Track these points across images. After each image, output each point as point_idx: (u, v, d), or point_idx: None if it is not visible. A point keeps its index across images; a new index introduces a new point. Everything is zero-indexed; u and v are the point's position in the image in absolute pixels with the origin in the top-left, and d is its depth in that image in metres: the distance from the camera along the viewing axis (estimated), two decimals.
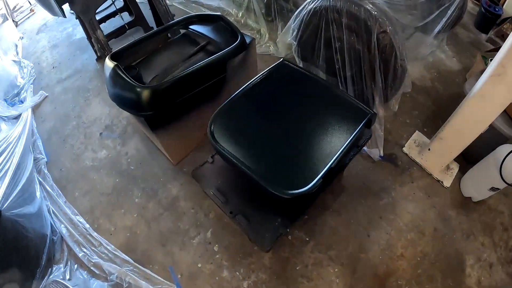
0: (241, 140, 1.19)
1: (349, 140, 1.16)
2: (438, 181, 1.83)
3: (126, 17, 2.74)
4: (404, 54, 1.56)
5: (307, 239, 1.66)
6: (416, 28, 2.10)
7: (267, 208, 1.37)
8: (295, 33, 1.99)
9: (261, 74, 1.36)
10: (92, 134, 2.13)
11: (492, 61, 1.39)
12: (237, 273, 1.58)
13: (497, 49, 2.04)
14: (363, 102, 1.82)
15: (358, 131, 1.19)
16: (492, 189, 1.65)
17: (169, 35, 2.16)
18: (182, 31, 2.00)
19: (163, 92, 1.51)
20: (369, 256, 1.63)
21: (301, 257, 1.61)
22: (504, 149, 1.59)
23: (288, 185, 1.06)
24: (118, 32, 2.59)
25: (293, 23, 1.95)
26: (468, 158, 1.89)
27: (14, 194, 1.57)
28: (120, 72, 1.52)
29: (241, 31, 1.79)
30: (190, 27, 1.93)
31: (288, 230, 1.33)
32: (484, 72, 1.44)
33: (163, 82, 1.50)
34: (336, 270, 1.59)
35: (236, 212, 1.35)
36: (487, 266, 1.64)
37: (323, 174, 1.08)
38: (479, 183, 1.70)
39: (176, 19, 1.90)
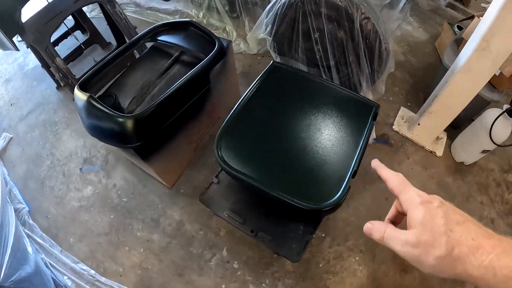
0: (254, 159, 1.08)
1: (364, 137, 1.10)
2: (431, 152, 1.86)
3: (79, 35, 2.45)
4: (387, 37, 1.51)
5: (323, 235, 1.61)
6: (384, 6, 2.06)
7: (287, 218, 1.29)
8: (269, 28, 1.87)
9: (256, 83, 1.24)
10: (71, 171, 1.90)
11: (473, 35, 1.39)
12: (263, 285, 1.50)
13: (469, 18, 2.08)
14: (350, 89, 1.79)
15: (369, 126, 1.13)
16: (483, 151, 1.70)
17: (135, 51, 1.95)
18: (149, 44, 1.81)
19: (150, 118, 1.35)
20: None
21: (322, 254, 1.57)
22: (490, 113, 1.62)
23: (318, 197, 0.99)
24: (75, 54, 2.30)
25: (266, 18, 1.83)
26: (453, 124, 1.93)
27: (6, 259, 1.35)
28: (96, 104, 1.33)
29: None
30: (158, 38, 1.74)
31: (313, 236, 1.27)
32: (466, 45, 1.45)
33: (148, 107, 1.33)
34: (357, 258, 1.57)
35: (257, 230, 1.26)
36: (489, 222, 1.71)
37: (349, 178, 1.01)
38: (470, 148, 1.74)
39: (141, 32, 1.70)
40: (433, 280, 1.54)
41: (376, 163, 0.54)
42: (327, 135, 1.13)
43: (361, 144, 1.09)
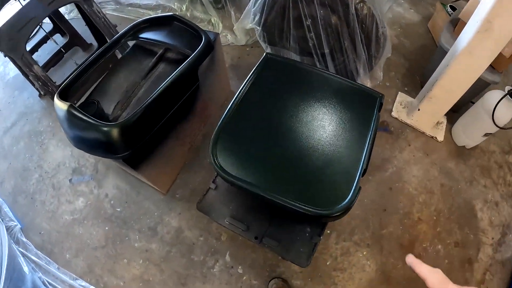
0: (254, 163, 0.94)
1: (370, 131, 0.98)
2: (432, 137, 1.75)
3: (59, 39, 2.25)
4: (384, 20, 1.37)
5: (328, 232, 1.51)
6: None
7: (292, 221, 1.18)
8: (257, 17, 1.70)
9: (249, 78, 1.09)
10: (60, 183, 1.74)
11: (474, 16, 1.28)
12: None
13: None
14: (347, 76, 1.65)
15: (375, 119, 1.00)
16: (486, 134, 1.60)
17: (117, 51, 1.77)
18: (131, 42, 1.64)
19: (137, 125, 1.20)
20: (390, 230, 1.53)
21: (328, 251, 1.47)
22: (491, 95, 1.51)
23: (327, 201, 0.86)
24: (56, 59, 2.10)
25: (253, 7, 1.67)
26: (452, 107, 1.81)
27: (2, 282, 1.22)
28: (78, 114, 1.17)
29: None
30: (140, 36, 1.57)
31: (321, 237, 1.15)
32: (467, 27, 1.33)
33: (134, 112, 1.18)
34: (364, 253, 1.48)
35: (261, 235, 1.14)
36: (494, 205, 1.63)
37: (359, 177, 0.89)
38: (472, 131, 1.64)
39: (121, 31, 1.52)
40: (442, 270, 1.45)
41: (411, 260, 0.51)
42: (331, 131, 1.00)
43: (368, 139, 0.97)
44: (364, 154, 0.94)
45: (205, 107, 1.71)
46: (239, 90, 1.06)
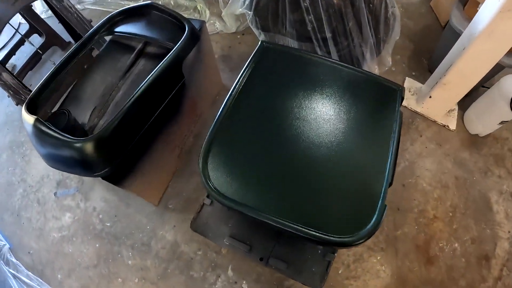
0: (256, 180, 0.72)
1: (394, 135, 0.75)
2: (444, 126, 1.53)
3: (37, 39, 1.96)
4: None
5: None
6: None
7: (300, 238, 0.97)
8: (248, 1, 1.44)
9: (243, 73, 0.86)
10: (45, 197, 1.52)
11: None
12: None
13: None
14: (352, 63, 1.40)
15: (397, 118, 0.78)
16: (502, 122, 1.38)
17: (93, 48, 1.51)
18: (108, 37, 1.37)
19: (116, 135, 0.97)
20: (405, 231, 1.34)
21: (340, 258, 1.28)
22: (507, 81, 1.29)
23: (347, 225, 0.66)
24: (33, 62, 1.83)
25: None
26: None
27: None
28: (45, 129, 0.94)
29: None
30: (116, 30, 1.30)
31: (335, 254, 0.95)
32: (485, 7, 1.10)
33: (111, 121, 0.95)
34: (378, 258, 1.29)
35: (267, 256, 0.94)
36: (509, 197, 1.43)
37: (385, 193, 0.68)
38: (488, 119, 1.41)
39: (95, 26, 1.26)
40: (459, 269, 1.28)
41: None
42: (345, 137, 0.77)
43: (392, 144, 0.74)
44: (388, 163, 0.72)
45: (195, 105, 1.47)
46: (231, 89, 0.82)
